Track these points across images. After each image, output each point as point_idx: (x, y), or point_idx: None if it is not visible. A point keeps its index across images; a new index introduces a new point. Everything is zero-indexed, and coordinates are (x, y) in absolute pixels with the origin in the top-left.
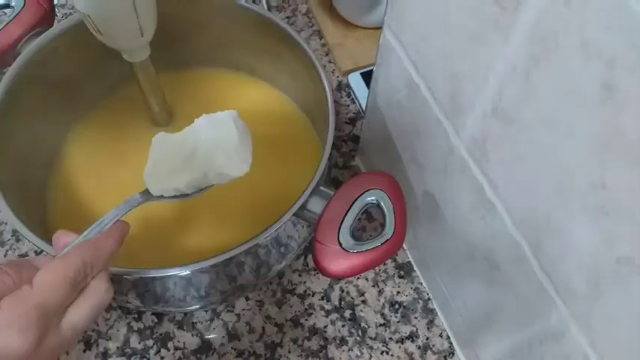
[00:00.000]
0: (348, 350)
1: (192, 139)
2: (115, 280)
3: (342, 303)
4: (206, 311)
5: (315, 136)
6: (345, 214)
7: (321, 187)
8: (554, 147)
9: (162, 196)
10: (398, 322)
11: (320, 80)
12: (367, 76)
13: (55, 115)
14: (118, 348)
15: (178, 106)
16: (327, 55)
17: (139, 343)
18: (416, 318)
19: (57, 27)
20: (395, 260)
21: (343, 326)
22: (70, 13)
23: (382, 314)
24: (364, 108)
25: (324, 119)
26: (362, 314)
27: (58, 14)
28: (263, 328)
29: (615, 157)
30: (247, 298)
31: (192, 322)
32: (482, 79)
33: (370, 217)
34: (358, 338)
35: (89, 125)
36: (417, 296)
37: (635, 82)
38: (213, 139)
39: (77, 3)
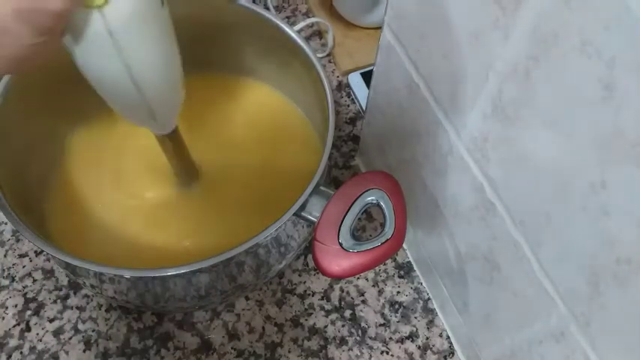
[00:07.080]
0: (348, 350)
1: None
2: (115, 280)
3: (342, 303)
4: (206, 311)
5: (315, 136)
6: (345, 214)
7: (321, 187)
8: (554, 147)
9: None
10: (398, 322)
11: (320, 80)
12: (367, 76)
13: (56, 115)
14: (118, 348)
15: (207, 164)
16: (327, 55)
17: (139, 343)
18: (416, 318)
19: None
20: (395, 260)
21: (343, 326)
22: None
23: (382, 314)
24: (364, 108)
25: (324, 119)
26: (362, 314)
27: None
28: (263, 328)
29: (615, 157)
30: (247, 298)
31: (192, 322)
32: (482, 78)
33: (370, 217)
34: (358, 338)
35: (90, 125)
36: (417, 296)
37: (635, 82)
38: None
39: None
